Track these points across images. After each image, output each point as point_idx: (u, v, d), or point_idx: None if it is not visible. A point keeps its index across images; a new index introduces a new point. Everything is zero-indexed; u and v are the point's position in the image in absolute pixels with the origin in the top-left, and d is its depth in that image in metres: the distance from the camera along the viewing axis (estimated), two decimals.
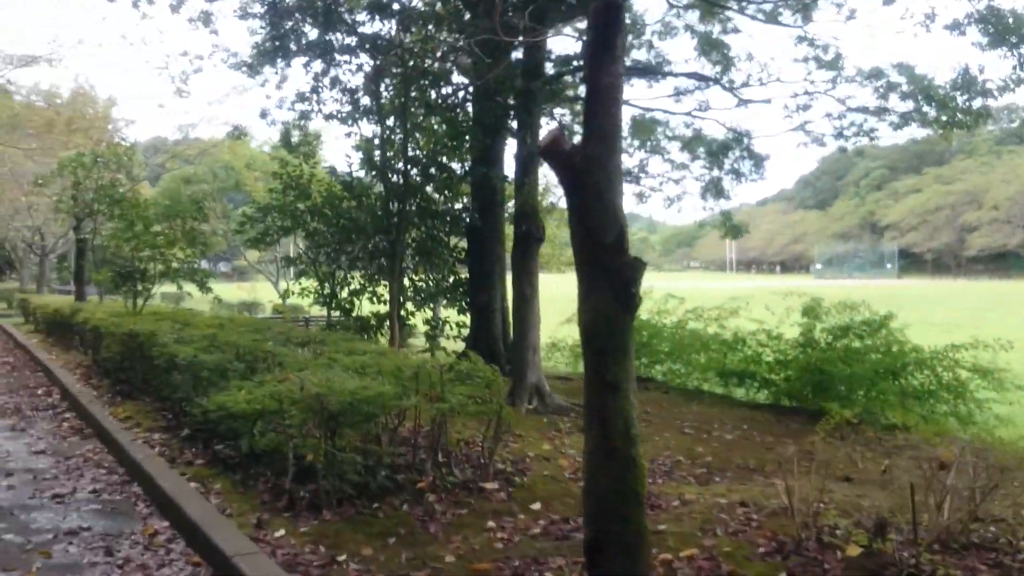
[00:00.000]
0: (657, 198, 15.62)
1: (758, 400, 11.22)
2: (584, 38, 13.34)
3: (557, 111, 14.84)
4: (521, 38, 9.40)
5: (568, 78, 12.26)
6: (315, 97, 13.13)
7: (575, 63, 11.13)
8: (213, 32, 14.84)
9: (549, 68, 11.66)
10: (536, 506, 6.08)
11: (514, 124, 11.15)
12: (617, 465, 3.75)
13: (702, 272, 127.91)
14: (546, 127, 11.92)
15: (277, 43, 11.59)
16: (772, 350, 11.01)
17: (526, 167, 10.11)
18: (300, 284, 12.25)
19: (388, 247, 11.24)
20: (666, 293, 13.30)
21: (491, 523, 5.67)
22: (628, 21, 14.92)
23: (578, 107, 13.98)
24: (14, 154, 30.07)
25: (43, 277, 34.21)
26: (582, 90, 14.14)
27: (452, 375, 6.90)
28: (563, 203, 17.10)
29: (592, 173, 3.71)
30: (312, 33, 11.52)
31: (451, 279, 12.72)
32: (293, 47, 11.70)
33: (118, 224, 14.30)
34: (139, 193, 14.75)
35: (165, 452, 7.78)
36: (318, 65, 12.16)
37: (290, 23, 11.32)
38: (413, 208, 11.53)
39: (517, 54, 11.48)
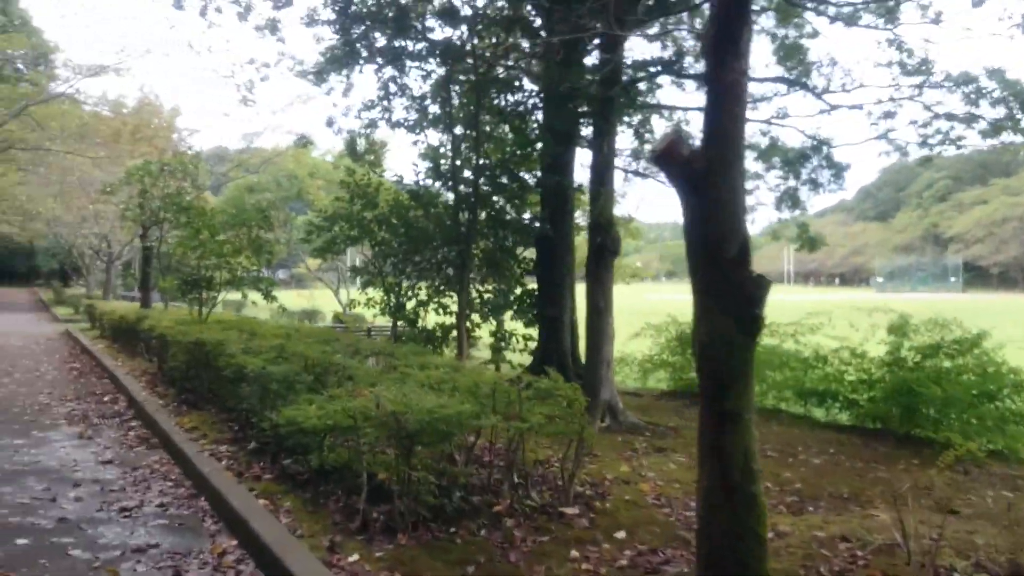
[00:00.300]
0: None
1: (840, 421, 10.70)
2: (663, 41, 13.03)
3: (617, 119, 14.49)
4: (597, 41, 9.08)
5: (641, 85, 11.91)
6: (382, 105, 12.98)
7: (651, 69, 10.79)
8: (280, 40, 14.80)
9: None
10: (621, 534, 5.73)
11: (587, 132, 10.84)
12: (737, 504, 3.41)
13: None
14: (620, 135, 11.62)
15: (347, 48, 11.44)
16: (855, 369, 10.49)
17: (602, 176, 9.77)
18: (366, 294, 12.06)
19: (457, 257, 10.99)
20: None
21: (575, 552, 5.34)
22: (699, 24, 14.55)
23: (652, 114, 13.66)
24: (83, 163, 30.55)
25: (109, 284, 34.74)
26: (661, 96, 13.88)
27: (531, 392, 6.59)
28: (635, 214, 16.80)
29: (713, 180, 3.38)
30: (382, 40, 11.36)
31: (518, 291, 12.43)
32: (364, 53, 11.54)
33: (184, 232, 14.30)
34: (205, 201, 14.72)
35: (232, 466, 7.59)
36: (388, 71, 12.01)
37: (360, 29, 11.18)
38: (483, 218, 11.27)
39: (589, 59, 11.20)
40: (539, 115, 12.83)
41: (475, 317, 12.25)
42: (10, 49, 24.56)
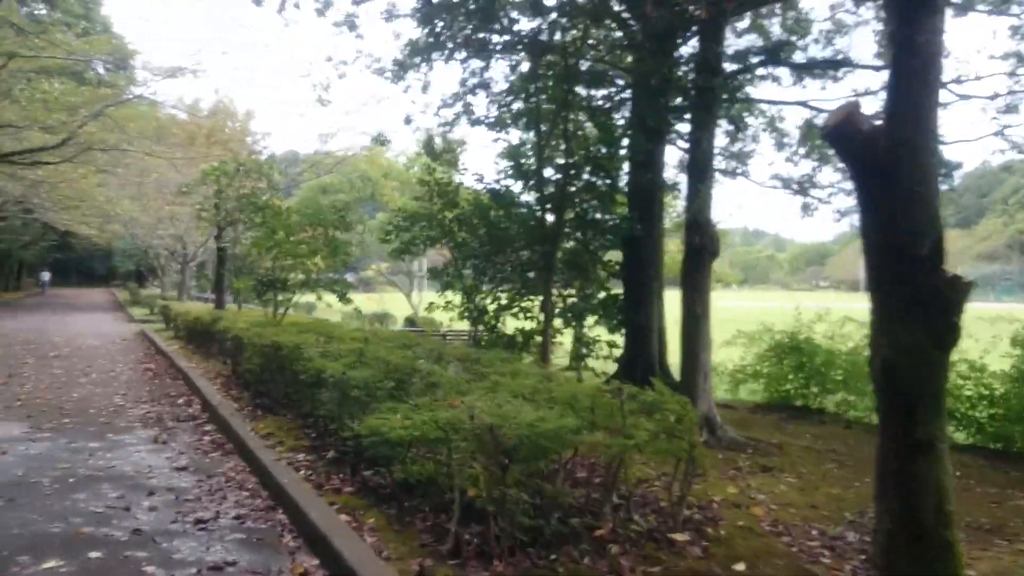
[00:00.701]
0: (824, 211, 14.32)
1: (956, 440, 9.89)
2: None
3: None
4: (695, 28, 8.49)
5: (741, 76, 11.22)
6: (463, 102, 12.57)
7: (752, 59, 10.13)
8: (358, 36, 14.51)
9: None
10: (740, 567, 5.14)
11: (682, 126, 10.26)
12: (926, 551, 2.81)
13: (833, 292, 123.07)
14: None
15: (432, 39, 11.02)
16: (974, 383, 9.67)
17: (701, 172, 9.16)
18: (445, 297, 11.63)
19: (540, 259, 10.49)
20: (843, 315, 12.10)
21: None
22: (792, 20, 13.82)
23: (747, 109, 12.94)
24: (159, 165, 30.87)
25: (184, 285, 35.10)
26: (762, 91, 13.14)
27: (634, 405, 6.03)
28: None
29: (900, 163, 2.80)
30: (466, 31, 10.92)
31: (601, 295, 11.84)
32: (449, 44, 11.11)
33: (259, 232, 14.07)
34: (282, 201, 14.50)
35: (311, 476, 7.18)
36: (472, 64, 11.58)
37: (444, 21, 10.76)
38: (569, 218, 10.74)
39: (681, 51, 10.59)
40: (625, 111, 12.29)
41: (556, 322, 11.72)
42: (93, 52, 24.81)
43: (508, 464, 5.38)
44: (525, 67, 11.38)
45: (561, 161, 11.58)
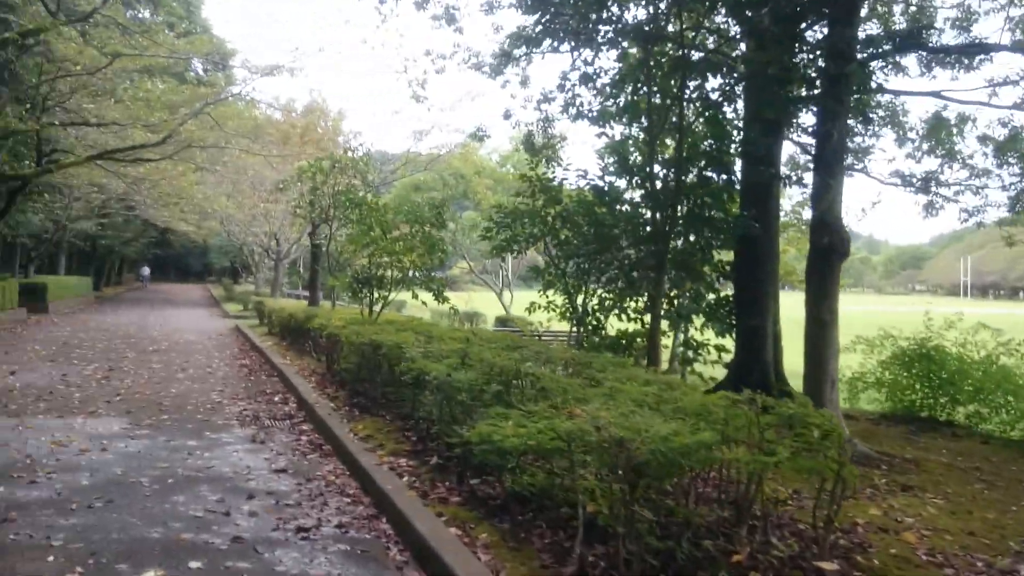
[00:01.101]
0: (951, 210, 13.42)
1: None
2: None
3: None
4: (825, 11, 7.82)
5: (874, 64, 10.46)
6: (566, 96, 12.12)
7: (884, 46, 9.39)
8: (457, 30, 14.22)
9: None
10: None
11: (806, 118, 9.59)
12: None
13: (930, 296, 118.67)
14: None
15: (543, 25, 10.59)
16: None
17: (830, 167, 8.48)
18: (546, 297, 11.18)
19: (648, 257, 9.95)
20: (977, 322, 11.22)
21: None
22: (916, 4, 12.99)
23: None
24: (255, 163, 31.28)
25: (277, 281, 35.52)
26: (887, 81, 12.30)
27: (771, 418, 5.47)
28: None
29: None
30: (574, 20, 10.45)
31: (710, 296, 11.22)
32: (561, 33, 10.66)
33: (355, 229, 13.87)
34: (378, 198, 14.27)
35: (415, 483, 6.81)
36: (580, 54, 11.09)
37: (552, 8, 10.31)
38: (683, 215, 10.15)
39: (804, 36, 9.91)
40: (736, 103, 11.65)
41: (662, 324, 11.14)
42: (193, 52, 25.20)
43: (637, 481, 4.90)
44: (633, 58, 10.84)
45: (669, 156, 11.01)
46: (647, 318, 10.86)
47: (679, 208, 10.00)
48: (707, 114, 11.00)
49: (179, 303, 45.91)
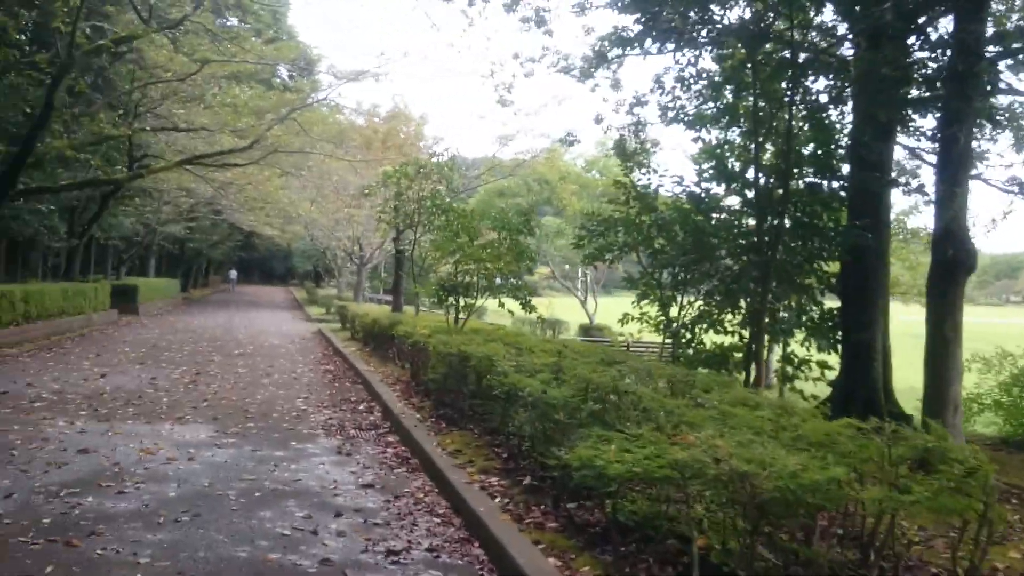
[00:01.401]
0: None
1: None
2: None
3: None
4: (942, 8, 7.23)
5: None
6: (658, 98, 11.69)
7: (1017, 43, 8.70)
8: (547, 33, 13.89)
9: None
10: None
11: (923, 121, 8.97)
12: None
13: None
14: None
15: (638, 27, 10.19)
16: None
17: (955, 174, 7.86)
18: (639, 308, 10.74)
19: (753, 269, 9.43)
20: None
21: None
22: None
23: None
24: (339, 167, 31.51)
25: (360, 286, 35.72)
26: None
27: (903, 450, 4.97)
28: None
29: None
30: (672, 20, 10.03)
31: (815, 309, 10.61)
32: (661, 33, 10.24)
33: (441, 235, 13.65)
34: (465, 204, 14.02)
35: (508, 506, 6.47)
36: (687, 54, 10.65)
37: (653, 8, 9.90)
38: (788, 224, 9.61)
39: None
40: (843, 105, 11.05)
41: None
42: (280, 58, 25.47)
43: (759, 518, 4.47)
44: (735, 59, 10.34)
45: (770, 161, 10.48)
46: (745, 332, 10.34)
47: (788, 216, 9.46)
48: (815, 116, 10.43)
49: (263, 305, 46.64)
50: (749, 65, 9.77)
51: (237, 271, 76.44)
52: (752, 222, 10.47)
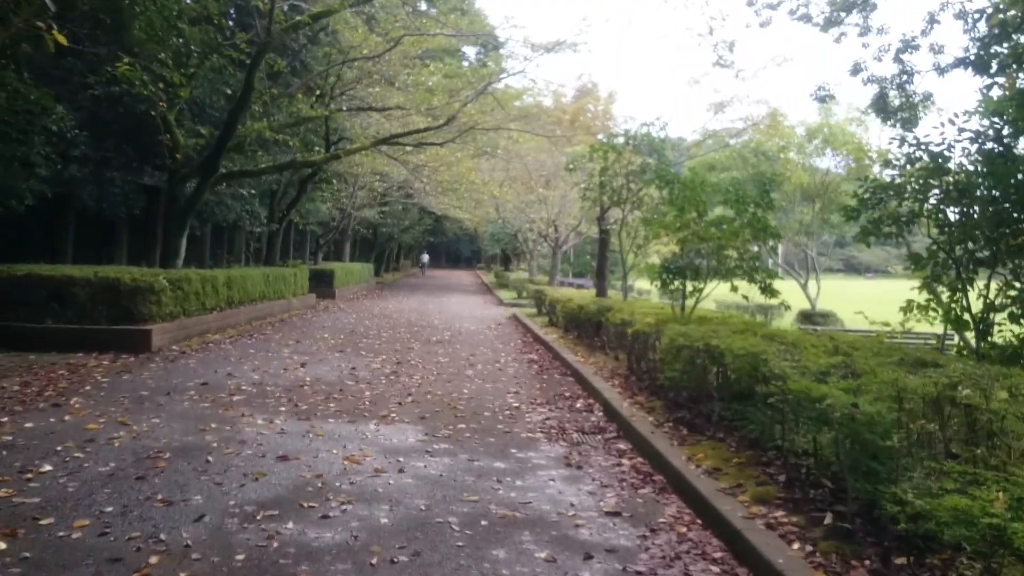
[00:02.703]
0: None
1: None
2: None
3: None
4: None
5: None
6: (929, 41, 9.55)
7: None
8: None
9: None
10: None
11: None
12: None
13: None
14: None
15: None
16: None
17: None
18: (924, 293, 8.75)
19: None
20: None
21: None
22: None
23: None
24: (530, 148, 30.52)
25: (555, 269, 34.59)
26: None
27: None
28: None
29: None
30: None
31: None
32: None
33: (669, 209, 12.01)
34: (695, 173, 12.30)
35: (814, 556, 4.85)
36: None
37: None
38: None
39: None
40: None
41: None
42: (474, 32, 24.60)
43: None
44: None
45: None
46: None
47: None
48: None
49: (453, 289, 46.57)
50: None
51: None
52: None
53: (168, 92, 17.00)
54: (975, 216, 8.15)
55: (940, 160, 8.27)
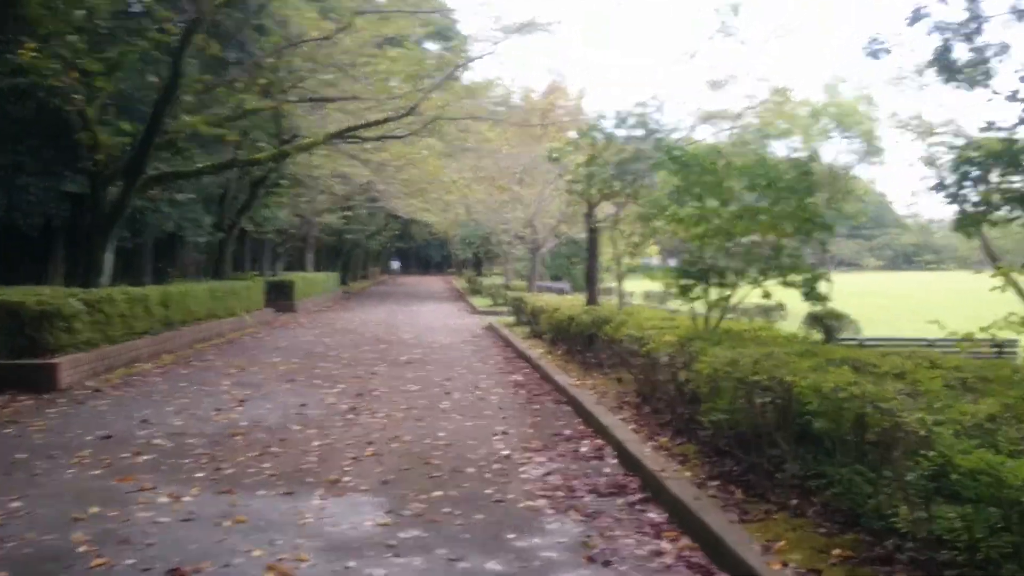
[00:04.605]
0: None
1: None
2: None
3: None
4: None
5: None
6: None
7: None
8: None
9: None
10: None
11: None
12: None
13: None
14: None
15: None
16: None
17: None
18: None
19: None
20: None
21: None
22: None
23: None
24: (500, 143, 28.56)
25: (534, 274, 32.34)
26: None
27: None
28: None
29: None
30: None
31: None
32: None
33: (668, 203, 9.82)
34: (717, 152, 10.06)
35: None
36: None
37: None
38: None
39: None
40: None
41: None
42: (437, 8, 22.35)
43: None
44: None
45: None
46: None
47: None
48: None
49: (424, 297, 44.38)
50: None
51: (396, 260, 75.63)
52: None
53: (85, 83, 14.61)
54: None
55: None
